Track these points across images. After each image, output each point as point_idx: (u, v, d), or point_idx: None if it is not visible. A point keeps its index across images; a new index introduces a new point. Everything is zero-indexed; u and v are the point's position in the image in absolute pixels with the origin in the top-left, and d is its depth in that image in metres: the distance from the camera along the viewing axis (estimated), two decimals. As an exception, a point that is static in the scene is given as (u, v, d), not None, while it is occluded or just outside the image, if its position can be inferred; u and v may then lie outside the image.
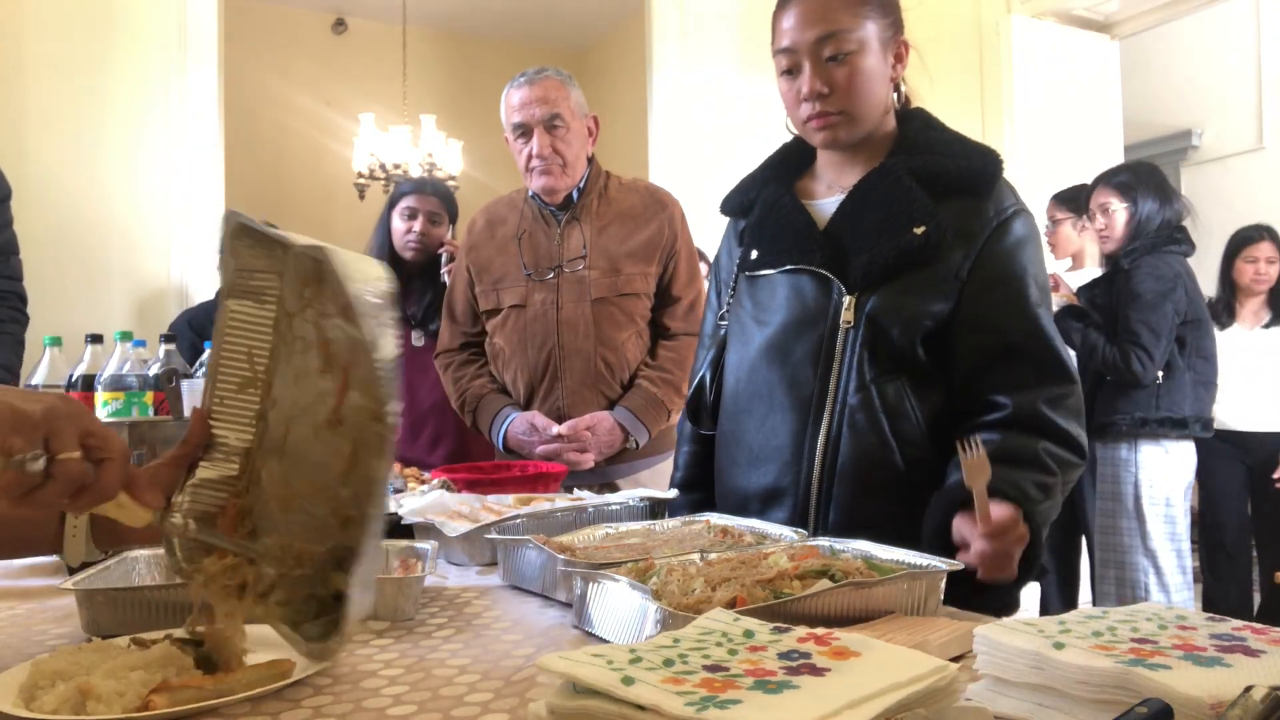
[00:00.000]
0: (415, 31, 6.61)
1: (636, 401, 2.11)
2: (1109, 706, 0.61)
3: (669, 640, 0.71)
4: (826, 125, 1.34)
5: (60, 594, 1.15)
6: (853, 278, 1.32)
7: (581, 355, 2.10)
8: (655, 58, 4.38)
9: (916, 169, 1.32)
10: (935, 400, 1.30)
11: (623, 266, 2.11)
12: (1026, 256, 1.31)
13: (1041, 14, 4.38)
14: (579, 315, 2.10)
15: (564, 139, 2.09)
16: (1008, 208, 1.32)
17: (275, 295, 0.89)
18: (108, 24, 3.58)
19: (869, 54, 1.31)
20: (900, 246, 1.28)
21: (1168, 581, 2.90)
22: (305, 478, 0.85)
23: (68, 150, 3.51)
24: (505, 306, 2.17)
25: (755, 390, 1.40)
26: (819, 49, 1.30)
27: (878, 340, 1.29)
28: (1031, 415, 1.24)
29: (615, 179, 2.24)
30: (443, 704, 0.78)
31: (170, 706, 0.74)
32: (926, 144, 1.36)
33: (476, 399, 2.22)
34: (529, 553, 1.15)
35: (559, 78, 2.12)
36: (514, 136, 2.13)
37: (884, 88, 1.35)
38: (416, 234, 2.63)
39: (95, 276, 3.54)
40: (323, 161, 6.41)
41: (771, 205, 1.44)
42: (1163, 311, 2.86)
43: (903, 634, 0.84)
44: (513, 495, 1.51)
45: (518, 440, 2.12)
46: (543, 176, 2.10)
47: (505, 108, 2.14)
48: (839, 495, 1.31)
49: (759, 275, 1.43)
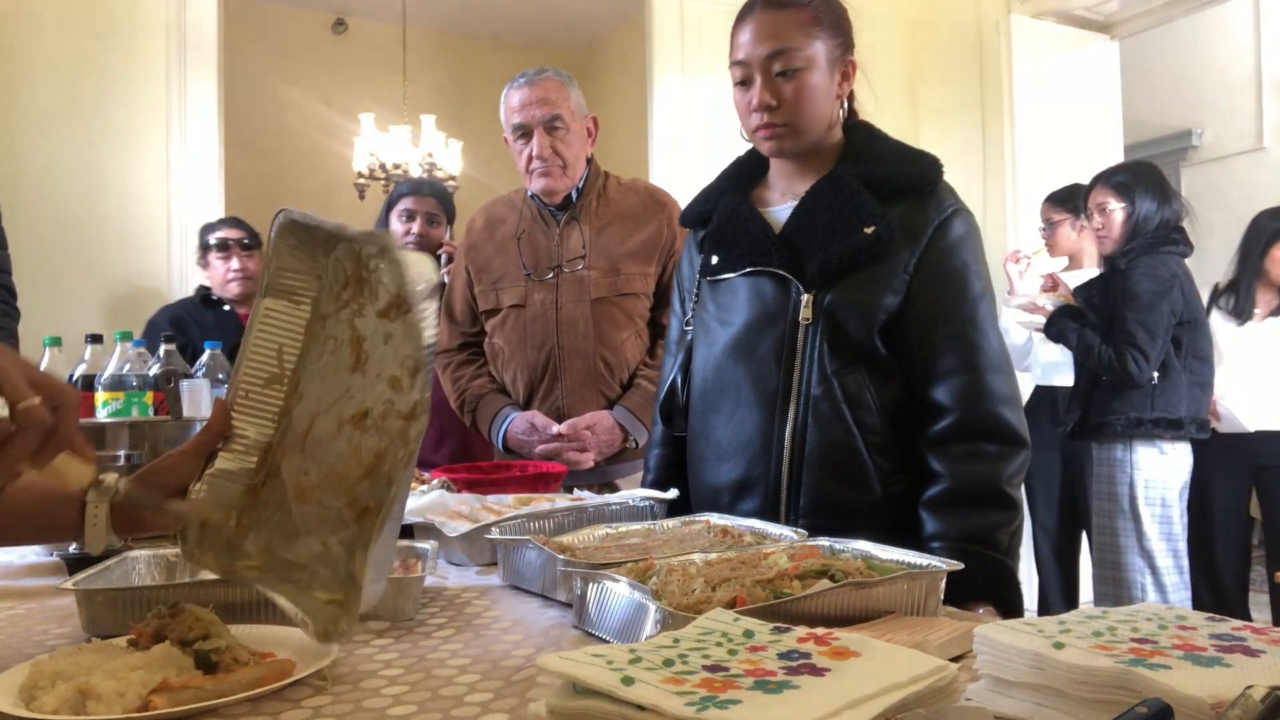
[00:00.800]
0: (415, 31, 6.61)
1: (636, 401, 2.11)
2: (1109, 706, 0.61)
3: (669, 640, 0.71)
4: (773, 136, 1.43)
5: (60, 594, 1.15)
6: (809, 276, 1.40)
7: (581, 355, 2.10)
8: (655, 58, 4.38)
9: (864, 175, 1.42)
10: (894, 388, 1.39)
11: (622, 266, 2.12)
12: (967, 252, 1.40)
13: (1041, 14, 4.38)
14: (579, 315, 2.10)
15: (564, 140, 2.09)
16: (948, 208, 1.41)
17: (311, 297, 0.90)
18: (107, 24, 3.58)
19: (816, 71, 1.40)
20: (852, 245, 1.37)
21: (1164, 582, 2.89)
22: (325, 469, 0.85)
23: (67, 150, 3.51)
24: (505, 306, 2.17)
25: (722, 387, 1.47)
26: (770, 64, 1.39)
27: (836, 334, 1.38)
28: (974, 415, 1.34)
29: (614, 179, 2.25)
30: (443, 704, 0.78)
31: (170, 706, 0.74)
32: (872, 153, 1.46)
33: (476, 399, 2.22)
34: (529, 553, 1.15)
35: (559, 78, 2.12)
36: (514, 137, 2.13)
37: (829, 103, 1.44)
38: (415, 235, 2.64)
39: (95, 276, 3.55)
40: (323, 161, 6.41)
41: (729, 213, 1.52)
42: (1159, 312, 2.84)
43: (903, 634, 0.84)
44: (513, 495, 1.51)
45: (517, 440, 2.12)
46: (542, 178, 2.11)
47: (505, 108, 2.14)
48: (808, 482, 1.39)
49: (720, 279, 1.51)
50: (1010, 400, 1.36)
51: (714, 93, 4.41)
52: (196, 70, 3.69)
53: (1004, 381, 1.37)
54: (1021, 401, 1.41)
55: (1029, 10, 4.38)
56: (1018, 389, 1.40)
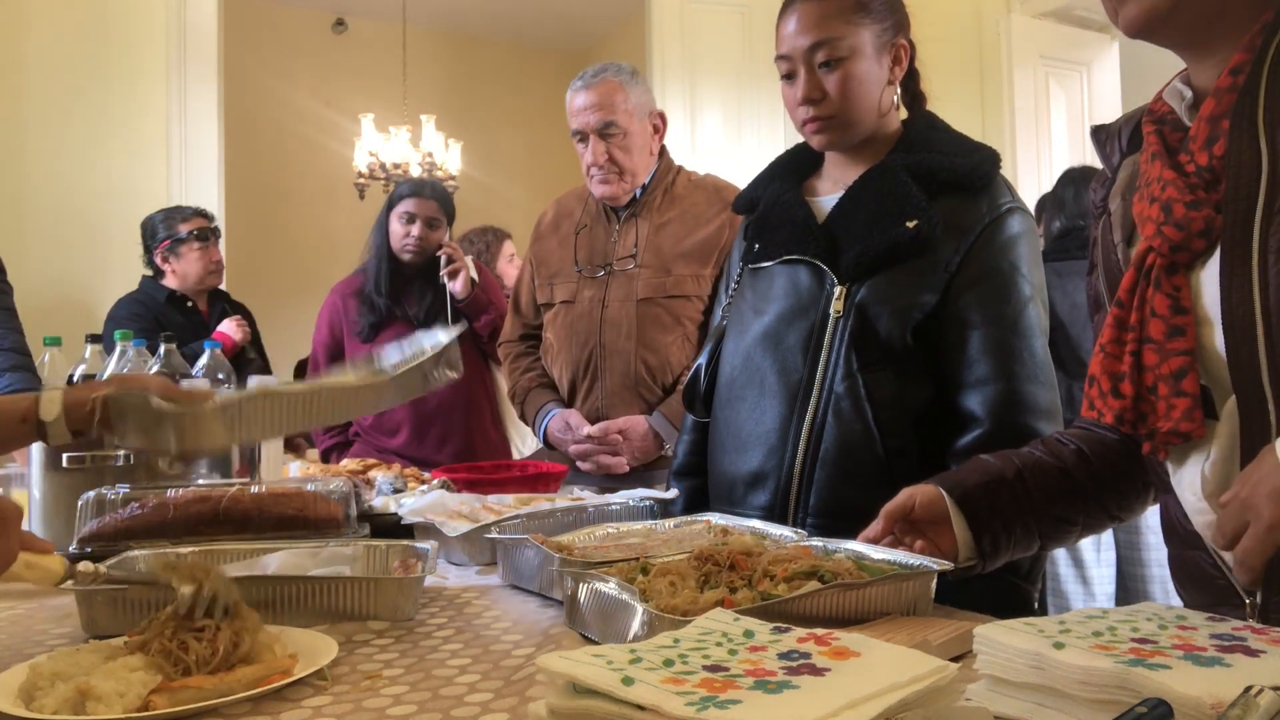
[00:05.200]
0: (415, 31, 6.61)
1: (675, 408, 2.01)
2: (1109, 706, 0.61)
3: (669, 640, 0.71)
4: (820, 129, 1.39)
5: (60, 594, 1.15)
6: (844, 268, 1.35)
7: (622, 356, 2.05)
8: (655, 58, 4.38)
9: (913, 165, 1.36)
10: (923, 393, 1.32)
11: (674, 267, 2.04)
12: (1018, 253, 1.33)
13: (1041, 14, 4.38)
14: (623, 315, 2.05)
15: (620, 145, 2.04)
16: (1003, 204, 1.34)
17: None
18: (107, 24, 3.58)
19: (861, 60, 1.35)
20: (892, 239, 1.32)
21: (1089, 575, 2.88)
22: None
23: (67, 150, 3.51)
24: (557, 301, 2.14)
25: (749, 377, 1.43)
26: (812, 56, 1.35)
27: (865, 330, 1.32)
28: (1006, 428, 1.25)
29: (686, 175, 2.18)
30: (443, 704, 0.78)
31: (170, 706, 0.74)
32: (926, 143, 1.40)
33: (525, 391, 2.20)
34: (528, 552, 1.15)
35: (618, 79, 2.06)
36: (575, 140, 2.10)
37: (877, 91, 1.38)
38: (414, 238, 2.63)
39: (94, 276, 3.55)
40: (323, 161, 6.41)
41: (775, 201, 1.49)
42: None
43: (902, 634, 0.84)
44: (513, 495, 1.51)
45: (556, 438, 2.09)
46: (601, 185, 2.07)
47: (568, 110, 2.10)
48: (819, 480, 1.34)
49: (760, 267, 1.47)
50: (1049, 415, 1.29)
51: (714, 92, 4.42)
52: (196, 70, 3.69)
53: (1043, 394, 1.29)
54: (1061, 417, 1.31)
55: (1029, 10, 4.38)
56: (1058, 404, 1.31)
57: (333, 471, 1.95)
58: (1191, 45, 0.91)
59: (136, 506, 1.27)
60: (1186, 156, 0.89)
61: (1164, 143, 0.93)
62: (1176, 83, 0.95)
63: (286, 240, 6.26)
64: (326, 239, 6.08)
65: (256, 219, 5.82)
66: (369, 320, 2.62)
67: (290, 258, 6.17)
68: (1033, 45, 4.36)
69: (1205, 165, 0.87)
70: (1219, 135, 0.86)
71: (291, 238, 6.28)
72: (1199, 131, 0.88)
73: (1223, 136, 0.85)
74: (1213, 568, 0.92)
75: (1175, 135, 0.94)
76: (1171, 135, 0.94)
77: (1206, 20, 0.88)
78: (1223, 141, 0.85)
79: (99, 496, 1.30)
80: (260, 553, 1.17)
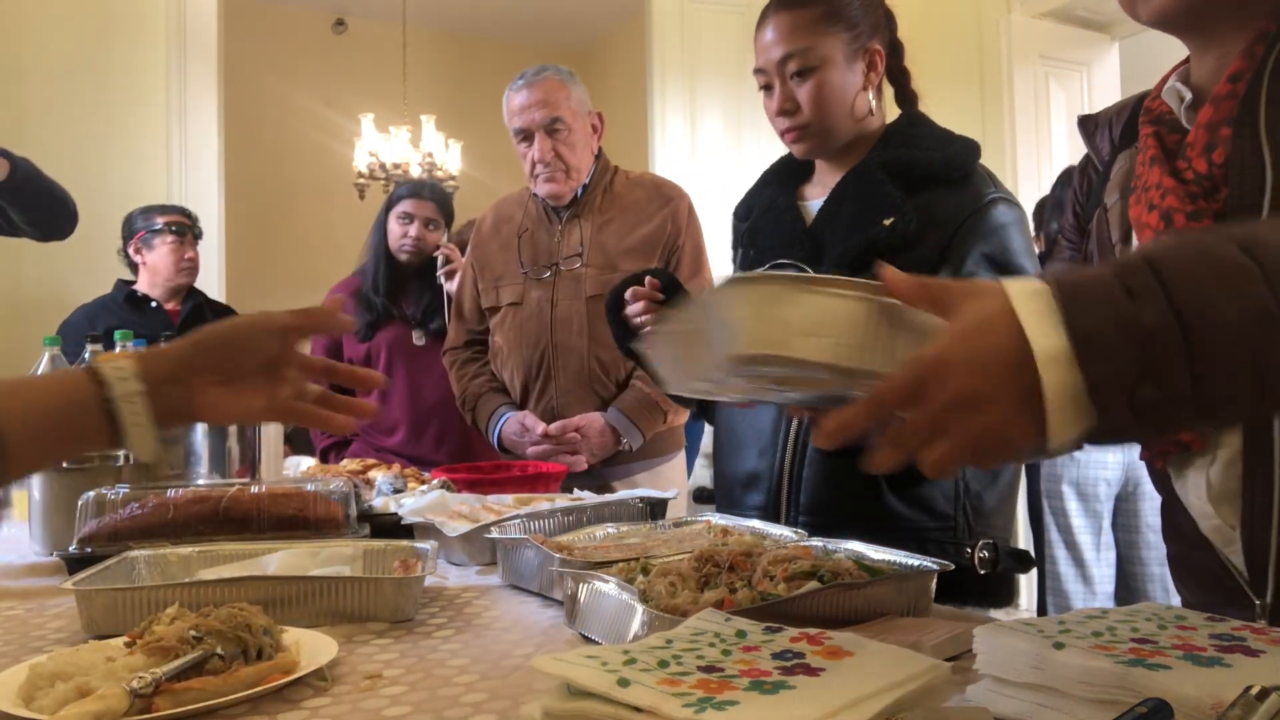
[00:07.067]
0: (415, 31, 6.61)
1: (629, 402, 2.07)
2: (1109, 706, 0.61)
3: (661, 641, 0.71)
4: (797, 138, 1.43)
5: (60, 594, 1.15)
6: (826, 270, 1.37)
7: (575, 354, 2.08)
8: (655, 58, 4.38)
9: (889, 163, 1.38)
10: None
11: (620, 264, 2.08)
12: (1010, 242, 1.33)
13: (1041, 14, 4.37)
14: (573, 313, 2.08)
15: (566, 141, 2.08)
16: (986, 195, 1.34)
17: None
18: (107, 24, 3.58)
19: (833, 68, 1.38)
20: (869, 238, 1.33)
21: (1091, 574, 2.88)
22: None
23: (67, 150, 3.51)
24: (504, 304, 2.17)
25: None
26: (784, 67, 1.39)
27: None
28: None
29: (623, 174, 2.22)
30: (441, 704, 0.78)
31: (170, 707, 0.74)
32: (904, 140, 1.42)
33: (475, 397, 2.22)
34: (528, 552, 1.15)
35: (559, 77, 2.11)
36: (516, 140, 2.12)
37: (851, 96, 1.41)
38: (412, 239, 2.65)
39: (94, 276, 3.54)
40: (323, 161, 6.41)
41: (767, 207, 1.52)
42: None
43: (896, 634, 0.84)
44: (513, 495, 1.51)
45: (511, 440, 2.11)
46: (547, 183, 2.09)
47: (506, 110, 2.13)
48: (808, 479, 1.37)
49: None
50: None
51: (714, 92, 4.41)
52: (196, 70, 3.69)
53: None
54: None
55: (1029, 10, 4.37)
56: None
57: (333, 471, 1.95)
58: (1203, 32, 0.90)
59: (136, 506, 1.27)
60: (1184, 163, 0.89)
61: (1162, 147, 0.93)
62: (1174, 81, 0.95)
63: (286, 240, 6.26)
64: (326, 239, 6.07)
65: (256, 219, 5.82)
66: (366, 320, 2.63)
67: (290, 258, 6.17)
68: (1033, 45, 4.36)
69: (1205, 173, 0.86)
70: (1218, 143, 0.85)
71: (291, 238, 6.28)
72: (1197, 138, 0.88)
73: (1222, 144, 0.85)
74: (1221, 569, 0.92)
75: (1173, 137, 0.93)
76: (1169, 137, 0.94)
77: (1229, 9, 0.87)
78: (1222, 149, 0.85)
79: (99, 496, 1.30)
80: (260, 553, 1.17)
